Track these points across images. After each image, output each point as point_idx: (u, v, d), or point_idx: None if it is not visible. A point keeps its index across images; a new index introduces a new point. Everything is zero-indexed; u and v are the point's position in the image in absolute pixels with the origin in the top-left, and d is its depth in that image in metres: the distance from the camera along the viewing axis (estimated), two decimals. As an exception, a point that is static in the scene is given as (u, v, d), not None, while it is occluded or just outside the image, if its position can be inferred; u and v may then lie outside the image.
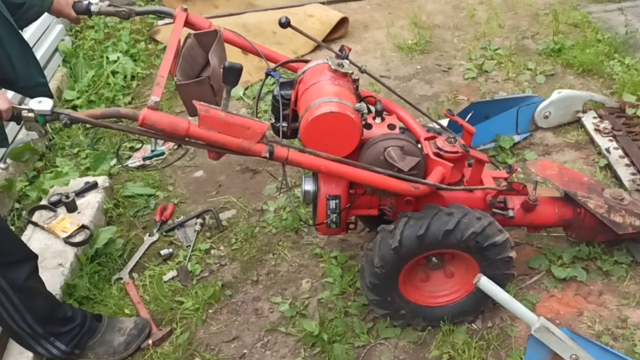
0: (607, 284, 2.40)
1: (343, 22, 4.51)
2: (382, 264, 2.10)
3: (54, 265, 2.56)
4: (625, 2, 4.43)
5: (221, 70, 1.93)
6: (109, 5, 2.17)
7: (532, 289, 2.42)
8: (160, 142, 3.52)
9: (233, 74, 1.68)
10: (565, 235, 2.50)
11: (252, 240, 2.81)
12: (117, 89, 4.01)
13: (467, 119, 2.83)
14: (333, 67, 2.09)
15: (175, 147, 3.51)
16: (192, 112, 1.82)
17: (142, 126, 1.71)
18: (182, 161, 3.40)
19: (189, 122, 1.75)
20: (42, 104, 1.55)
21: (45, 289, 2.19)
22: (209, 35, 2.11)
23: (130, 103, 3.96)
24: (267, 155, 1.84)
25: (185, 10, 2.16)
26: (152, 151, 3.47)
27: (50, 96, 1.99)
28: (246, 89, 3.95)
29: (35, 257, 2.15)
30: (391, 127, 2.16)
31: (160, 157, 3.45)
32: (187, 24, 2.18)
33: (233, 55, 2.43)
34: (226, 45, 2.25)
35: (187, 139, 1.79)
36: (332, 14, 4.50)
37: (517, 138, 3.18)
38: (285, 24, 2.13)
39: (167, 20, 4.73)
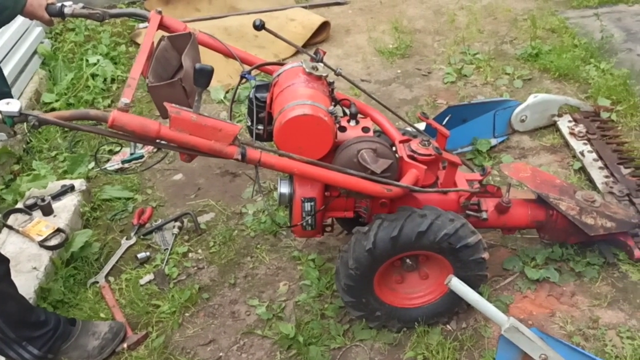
0: (580, 285, 2.44)
1: (325, 26, 4.53)
2: (357, 266, 2.11)
3: (28, 269, 2.54)
4: (602, 8, 4.50)
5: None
6: (83, 7, 2.17)
7: (506, 290, 2.44)
8: (139, 145, 3.51)
9: (204, 76, 1.69)
10: (538, 237, 2.53)
11: (230, 244, 2.81)
12: (97, 91, 3.99)
13: (444, 123, 2.85)
14: (307, 70, 2.10)
15: (155, 150, 3.50)
16: (164, 114, 1.82)
17: (112, 128, 1.71)
18: (161, 164, 3.39)
19: (159, 124, 1.75)
20: (10, 105, 1.55)
21: (17, 292, 2.17)
22: (183, 38, 2.11)
23: (109, 106, 3.94)
24: (239, 157, 1.84)
25: (160, 12, 2.16)
26: (132, 154, 3.46)
27: None
28: (227, 92, 3.95)
29: (6, 260, 2.13)
30: (365, 129, 2.17)
31: (140, 160, 3.44)
32: (162, 26, 2.18)
33: (215, 59, 2.44)
34: (209, 49, 2.26)
35: (158, 140, 1.79)
36: (314, 18, 4.52)
37: (494, 141, 3.22)
38: (259, 27, 2.14)
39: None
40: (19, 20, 3.88)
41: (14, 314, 2.11)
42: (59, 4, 2.15)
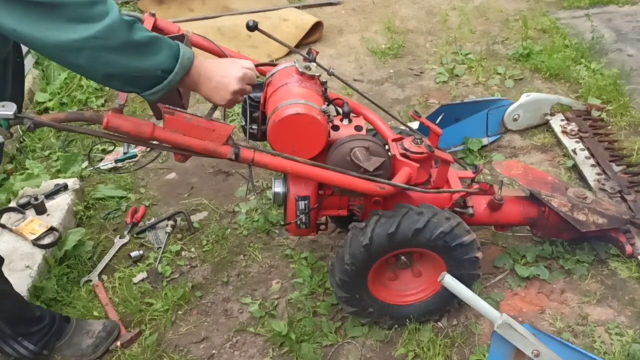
0: (569, 282, 2.46)
1: (318, 26, 4.54)
2: (352, 261, 2.12)
3: (22, 267, 2.54)
4: (592, 8, 4.54)
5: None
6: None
7: (497, 288, 2.47)
8: (132, 144, 3.51)
9: None
10: (529, 235, 2.56)
11: (223, 242, 2.82)
12: (90, 91, 3.98)
13: (437, 122, 2.87)
14: (300, 69, 2.12)
15: (148, 149, 3.50)
16: (158, 115, 1.84)
17: (107, 129, 1.71)
18: (154, 163, 3.39)
19: (153, 125, 1.76)
20: (5, 108, 1.54)
21: (12, 289, 2.17)
22: (177, 39, 2.11)
23: (103, 106, 3.94)
24: (233, 157, 1.85)
25: (154, 15, 2.16)
26: (125, 153, 3.46)
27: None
28: (220, 91, 3.95)
29: (0, 259, 2.13)
30: (358, 128, 2.19)
31: (133, 160, 3.44)
32: (155, 28, 2.18)
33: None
34: (202, 50, 2.26)
35: (152, 141, 1.80)
36: (307, 18, 4.54)
37: (486, 140, 3.24)
38: (252, 27, 2.14)
39: (141, 23, 4.72)
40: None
41: (11, 311, 2.12)
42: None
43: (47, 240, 2.67)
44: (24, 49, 4.08)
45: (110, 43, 1.44)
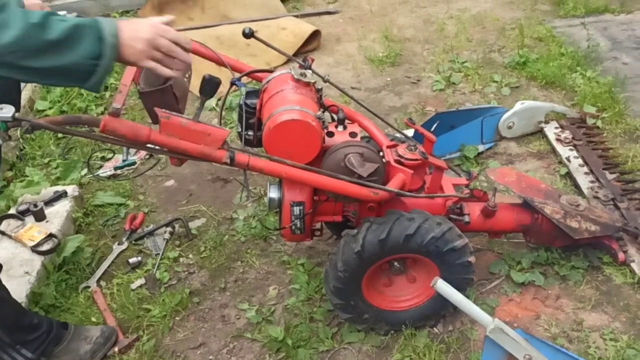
0: (564, 288, 2.48)
1: (316, 34, 4.58)
2: (346, 268, 2.14)
3: (21, 273, 2.56)
4: (588, 17, 4.58)
5: (185, 79, 1.99)
6: (77, 16, 2.19)
7: (492, 294, 2.48)
8: (132, 151, 3.55)
9: (211, 86, 1.75)
10: (524, 241, 2.57)
11: (220, 248, 2.84)
12: (90, 99, 4.01)
13: (432, 129, 2.90)
14: (296, 76, 2.14)
15: (147, 156, 3.53)
16: (155, 119, 1.86)
17: (104, 132, 1.74)
18: (153, 171, 3.42)
19: (150, 128, 1.79)
20: (4, 111, 1.57)
21: (10, 297, 2.18)
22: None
23: (102, 113, 3.97)
24: (228, 161, 1.88)
25: (152, 20, 2.19)
26: (124, 161, 3.49)
27: None
28: (218, 99, 3.99)
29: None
30: (353, 135, 2.21)
31: (132, 167, 3.47)
32: (154, 33, 2.21)
33: (207, 68, 2.47)
34: (201, 57, 2.29)
35: (148, 145, 1.82)
36: (305, 27, 4.57)
37: (481, 148, 3.26)
38: (248, 35, 2.17)
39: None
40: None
41: (9, 318, 2.13)
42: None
43: (46, 247, 2.69)
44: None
45: (27, 53, 1.41)
